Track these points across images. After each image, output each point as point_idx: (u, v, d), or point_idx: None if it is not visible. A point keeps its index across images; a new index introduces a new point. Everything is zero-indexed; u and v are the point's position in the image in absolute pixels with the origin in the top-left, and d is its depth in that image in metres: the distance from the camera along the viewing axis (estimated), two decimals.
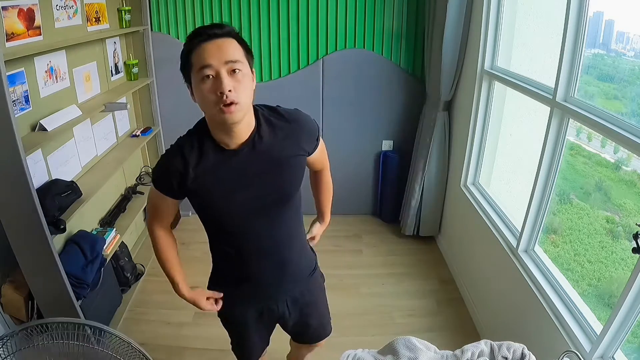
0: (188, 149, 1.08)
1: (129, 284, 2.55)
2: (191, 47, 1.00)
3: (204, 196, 1.12)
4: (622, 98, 1.65)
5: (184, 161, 1.07)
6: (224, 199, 1.11)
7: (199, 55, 0.98)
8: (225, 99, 0.97)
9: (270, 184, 1.13)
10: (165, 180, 1.11)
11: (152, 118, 3.05)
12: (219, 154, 1.08)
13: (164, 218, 1.26)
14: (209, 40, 0.98)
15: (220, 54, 0.98)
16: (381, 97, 3.06)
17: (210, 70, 0.97)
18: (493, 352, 1.27)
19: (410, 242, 3.09)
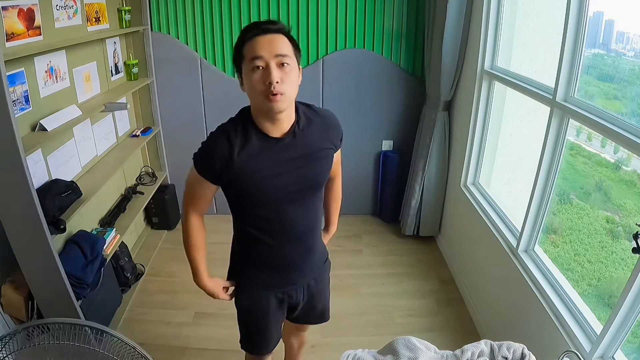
0: (233, 134, 1.14)
1: (129, 284, 2.55)
2: (245, 39, 1.08)
3: (245, 180, 1.15)
4: (622, 98, 1.65)
5: (230, 145, 1.13)
6: (265, 183, 1.16)
7: (252, 47, 1.06)
8: (272, 89, 1.05)
9: (306, 172, 1.21)
10: (210, 164, 1.15)
11: (152, 118, 3.05)
12: (262, 140, 1.15)
13: (201, 204, 1.27)
14: (262, 35, 1.07)
15: (271, 47, 1.06)
16: (381, 97, 3.06)
17: (261, 61, 1.06)
18: (493, 352, 1.27)
19: (410, 242, 3.09)
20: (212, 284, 1.38)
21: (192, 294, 2.56)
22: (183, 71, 2.96)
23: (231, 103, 3.43)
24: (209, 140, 1.17)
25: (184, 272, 2.77)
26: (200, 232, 1.32)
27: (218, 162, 1.13)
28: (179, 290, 2.60)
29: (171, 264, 2.85)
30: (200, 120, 3.09)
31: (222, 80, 2.97)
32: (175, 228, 3.25)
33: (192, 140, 3.19)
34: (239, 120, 1.17)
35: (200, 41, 2.91)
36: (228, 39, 2.90)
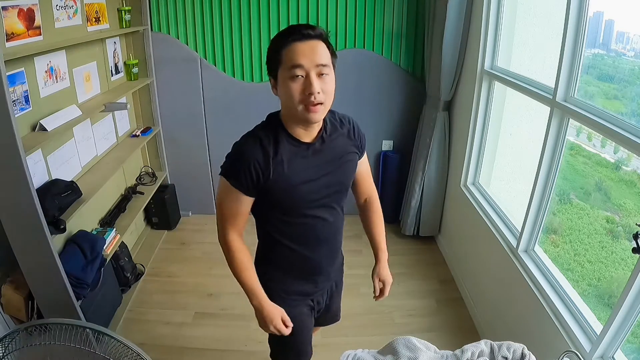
0: (266, 140, 1.12)
1: (129, 284, 2.55)
2: (283, 43, 1.05)
3: (282, 187, 1.13)
4: (622, 98, 1.65)
5: (264, 152, 1.10)
6: (300, 189, 1.15)
7: (292, 54, 1.03)
8: (313, 99, 1.04)
9: (335, 177, 1.22)
10: (246, 174, 1.10)
11: (152, 118, 3.05)
12: (294, 146, 1.14)
13: (240, 221, 1.20)
14: (303, 41, 1.04)
15: (312, 56, 1.03)
16: (381, 97, 3.06)
17: (301, 70, 1.03)
18: (493, 352, 1.27)
19: (410, 242, 3.09)
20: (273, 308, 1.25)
21: (192, 294, 2.57)
22: (183, 71, 2.96)
23: (231, 103, 3.46)
24: (242, 149, 1.12)
25: (183, 272, 2.78)
26: (245, 252, 1.24)
27: (254, 171, 1.10)
28: (179, 290, 2.60)
29: (171, 264, 2.85)
30: (200, 120, 3.09)
31: (222, 80, 2.97)
32: (175, 228, 3.25)
33: (192, 140, 3.23)
34: (269, 126, 1.15)
35: (200, 41, 2.91)
36: (228, 39, 2.90)
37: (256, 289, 1.23)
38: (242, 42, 2.91)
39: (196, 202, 3.39)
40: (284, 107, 1.13)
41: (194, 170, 3.25)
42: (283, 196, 1.15)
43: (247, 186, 1.12)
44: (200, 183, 3.30)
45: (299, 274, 1.32)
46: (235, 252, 1.21)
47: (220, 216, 1.20)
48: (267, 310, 1.23)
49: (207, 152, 3.18)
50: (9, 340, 1.12)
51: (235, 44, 2.91)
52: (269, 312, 1.24)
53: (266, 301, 1.24)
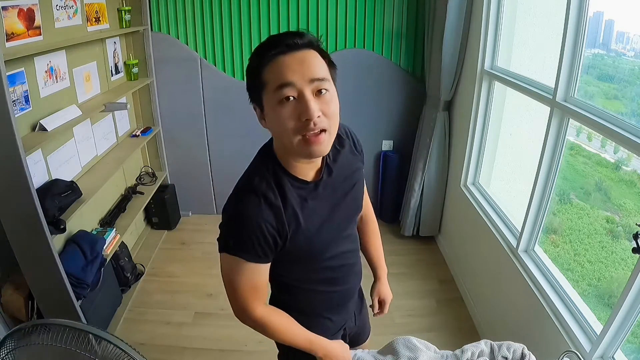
0: (270, 195, 0.89)
1: (129, 284, 2.55)
2: (263, 60, 0.82)
3: (301, 242, 0.94)
4: (622, 98, 1.65)
5: (274, 210, 0.89)
6: (319, 236, 0.97)
7: (276, 71, 0.80)
8: (313, 126, 0.81)
9: (350, 204, 1.05)
10: (262, 242, 0.89)
11: (152, 118, 3.05)
12: (300, 189, 0.93)
13: (265, 291, 1.00)
14: (288, 53, 0.81)
15: (303, 70, 0.80)
16: (381, 97, 3.06)
17: (292, 90, 0.80)
18: (493, 352, 1.27)
19: (410, 242, 3.09)
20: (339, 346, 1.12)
21: (192, 294, 2.57)
22: (183, 71, 2.96)
23: (231, 103, 3.45)
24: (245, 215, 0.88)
25: (183, 272, 2.78)
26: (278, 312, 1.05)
27: (269, 236, 0.89)
28: (179, 290, 2.60)
29: (171, 264, 2.85)
30: (200, 120, 3.09)
31: (222, 80, 2.97)
32: (175, 228, 3.25)
33: (192, 140, 3.22)
34: (265, 171, 0.91)
35: (200, 41, 2.91)
36: (228, 39, 2.90)
37: (314, 339, 1.06)
38: (242, 42, 2.91)
39: (196, 202, 3.39)
40: (277, 141, 0.91)
41: (194, 170, 3.25)
42: (304, 251, 0.97)
43: (265, 254, 0.91)
44: (200, 183, 3.30)
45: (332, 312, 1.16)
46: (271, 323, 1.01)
47: (237, 297, 0.97)
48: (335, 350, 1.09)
49: (207, 152, 3.18)
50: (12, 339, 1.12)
51: (235, 44, 2.91)
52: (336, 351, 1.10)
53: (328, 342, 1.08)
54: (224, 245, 0.92)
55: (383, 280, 1.34)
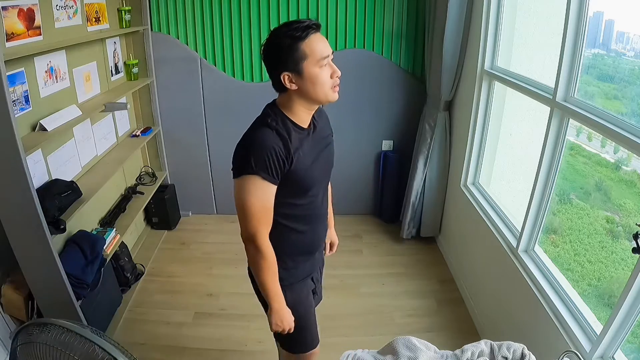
0: (280, 130, 1.16)
1: (129, 284, 2.55)
2: (302, 36, 1.10)
3: (300, 169, 1.19)
4: (622, 98, 1.65)
5: (283, 139, 1.15)
6: (310, 168, 1.23)
7: (316, 46, 1.11)
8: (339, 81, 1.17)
9: (328, 156, 1.33)
10: (275, 163, 1.13)
11: (152, 118, 3.05)
12: (299, 132, 1.21)
13: (269, 217, 1.21)
14: (317, 31, 1.13)
15: (328, 45, 1.15)
16: (381, 97, 3.06)
17: (327, 59, 1.14)
18: (493, 352, 1.27)
19: (410, 242, 3.09)
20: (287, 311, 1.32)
21: (192, 294, 2.57)
22: (183, 71, 2.96)
23: (231, 103, 3.47)
24: (261, 141, 1.13)
25: (183, 272, 2.78)
26: (274, 255, 1.25)
27: (280, 158, 1.13)
28: (179, 290, 2.60)
29: (171, 264, 2.85)
30: (200, 120, 3.09)
31: (222, 80, 2.97)
32: (175, 228, 3.25)
33: (192, 140, 3.23)
34: (275, 117, 1.19)
35: (200, 41, 2.91)
36: (228, 39, 2.90)
37: (279, 293, 1.28)
38: (242, 42, 2.91)
39: (196, 202, 3.39)
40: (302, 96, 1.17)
41: (194, 170, 3.25)
42: (299, 178, 1.20)
43: (276, 175, 1.15)
44: (200, 183, 3.30)
45: (303, 253, 1.38)
46: (268, 255, 1.22)
47: (249, 219, 1.17)
48: (285, 312, 1.30)
49: (207, 152, 3.18)
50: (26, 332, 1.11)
51: (235, 44, 2.91)
52: (286, 314, 1.30)
53: (284, 304, 1.30)
54: (242, 168, 1.14)
55: (331, 227, 1.65)
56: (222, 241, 3.05)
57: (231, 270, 2.71)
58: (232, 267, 2.73)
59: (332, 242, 1.69)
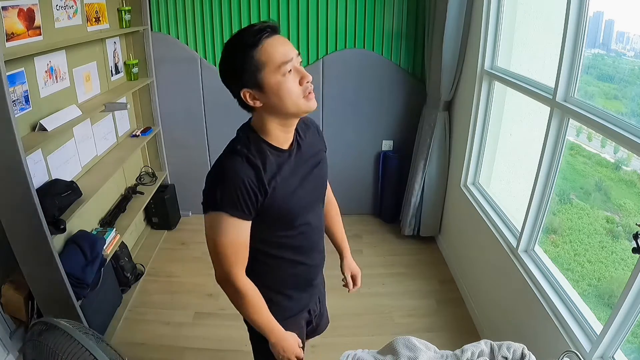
0: (252, 157, 1.02)
1: (129, 284, 2.55)
2: (254, 43, 0.95)
3: (278, 200, 1.05)
4: (622, 98, 1.65)
5: (255, 168, 1.01)
6: (293, 198, 1.08)
7: (273, 51, 0.95)
8: (310, 87, 1.00)
9: (317, 177, 1.17)
10: (246, 197, 1.00)
11: (152, 118, 3.05)
12: (277, 156, 1.06)
13: (246, 255, 1.08)
14: (272, 35, 0.97)
15: (290, 47, 0.98)
16: (381, 97, 3.06)
17: (290, 64, 0.97)
18: (493, 352, 1.27)
19: (410, 242, 3.09)
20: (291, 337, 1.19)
21: (192, 294, 2.57)
22: (183, 71, 2.96)
23: (231, 103, 3.45)
24: (229, 173, 1.00)
25: (183, 272, 2.78)
26: (256, 290, 1.11)
27: (251, 191, 1.00)
28: (179, 290, 2.60)
29: (171, 264, 2.85)
30: (200, 120, 3.09)
31: None
32: (175, 228, 3.25)
33: (192, 140, 3.22)
34: (248, 140, 1.05)
35: (200, 41, 2.91)
36: (228, 39, 2.90)
37: (274, 326, 1.15)
38: None
39: (196, 202, 3.36)
40: (272, 111, 1.02)
41: (194, 170, 3.25)
42: (280, 210, 1.07)
43: (248, 210, 1.01)
44: (200, 183, 3.23)
45: (297, 285, 1.25)
46: (248, 295, 1.09)
47: (220, 258, 1.05)
48: (287, 341, 1.17)
49: (207, 152, 3.18)
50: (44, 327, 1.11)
51: None
52: (289, 342, 1.18)
53: (284, 332, 1.17)
54: (210, 204, 1.03)
55: (349, 257, 1.46)
56: None
57: None
58: None
59: (353, 275, 1.45)
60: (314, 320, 1.39)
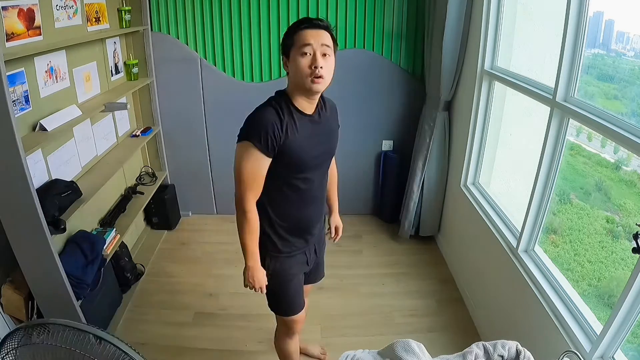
0: (279, 109, 1.30)
1: (129, 284, 2.55)
2: (296, 29, 1.27)
3: (294, 148, 1.31)
4: (622, 98, 1.65)
5: (280, 118, 1.29)
6: (305, 150, 1.34)
7: (303, 36, 1.25)
8: (318, 72, 1.25)
9: (328, 144, 1.45)
10: (269, 136, 1.26)
11: (152, 118, 3.05)
12: (300, 116, 1.33)
13: (259, 185, 1.35)
14: (312, 28, 1.27)
15: (318, 38, 1.26)
16: (381, 97, 3.06)
17: (309, 48, 1.25)
18: (488, 352, 1.26)
19: (410, 242, 3.09)
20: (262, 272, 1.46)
21: (192, 294, 2.57)
22: (183, 71, 2.96)
23: (231, 103, 3.47)
24: (260, 116, 1.28)
25: (183, 272, 2.78)
26: (257, 219, 1.40)
27: (273, 133, 1.26)
28: (179, 290, 2.60)
29: (171, 264, 2.85)
30: (200, 120, 3.09)
31: (222, 80, 2.97)
32: (175, 228, 3.25)
33: (192, 140, 3.23)
34: (280, 99, 1.33)
35: (200, 41, 2.91)
36: (228, 39, 2.90)
37: (256, 252, 1.42)
38: (242, 42, 2.91)
39: (196, 202, 3.39)
40: (292, 81, 1.31)
41: (194, 170, 3.25)
42: (293, 157, 1.32)
43: (268, 147, 1.27)
44: (200, 183, 3.30)
45: (295, 231, 1.49)
46: (251, 219, 1.37)
47: (240, 182, 1.33)
48: (258, 272, 1.44)
49: (207, 152, 3.18)
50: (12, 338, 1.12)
51: (235, 44, 2.91)
52: (259, 274, 1.45)
53: (259, 264, 1.44)
54: (243, 135, 1.29)
55: (336, 212, 1.78)
56: (222, 241, 3.05)
57: (231, 270, 2.70)
58: (232, 267, 2.73)
59: (336, 227, 1.79)
60: (310, 264, 1.63)
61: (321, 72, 1.26)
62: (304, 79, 1.27)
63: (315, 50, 1.25)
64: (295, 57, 1.27)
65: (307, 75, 1.26)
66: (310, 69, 1.26)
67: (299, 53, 1.26)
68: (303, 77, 1.27)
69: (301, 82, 1.28)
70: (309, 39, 1.25)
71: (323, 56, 1.27)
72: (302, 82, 1.28)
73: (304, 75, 1.26)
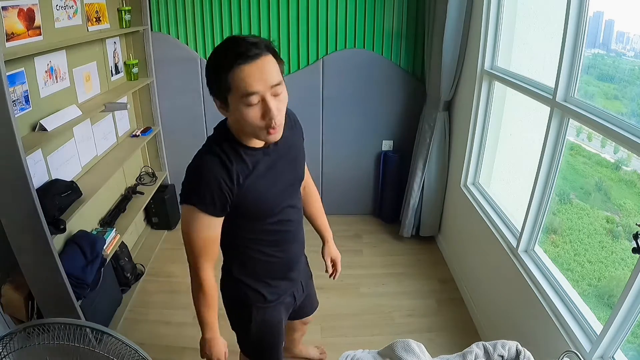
0: (224, 156, 1.06)
1: (129, 284, 2.55)
2: (229, 66, 0.95)
3: (250, 198, 1.10)
4: (622, 98, 1.64)
5: (227, 170, 1.05)
6: (267, 193, 1.14)
7: (243, 80, 0.95)
8: (274, 124, 0.99)
9: (292, 172, 1.22)
10: (215, 195, 1.05)
11: (152, 118, 3.05)
12: (251, 155, 1.10)
13: (214, 250, 1.14)
14: (251, 62, 0.94)
15: (264, 78, 0.96)
16: (381, 97, 3.06)
17: (257, 97, 0.96)
18: (488, 352, 1.27)
19: (410, 242, 3.09)
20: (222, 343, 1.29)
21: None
22: (183, 71, 2.96)
23: None
24: (201, 171, 1.05)
25: (184, 272, 2.77)
26: (216, 290, 1.20)
27: (224, 188, 1.05)
28: (179, 290, 2.60)
29: (171, 264, 2.85)
30: (200, 120, 3.09)
31: None
32: (176, 228, 3.25)
33: (192, 140, 3.20)
34: (221, 140, 1.08)
35: (200, 41, 2.91)
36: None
37: (214, 325, 1.24)
38: None
39: None
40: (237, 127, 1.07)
41: None
42: (253, 207, 1.13)
43: (216, 207, 1.07)
44: None
45: (277, 277, 1.31)
46: (208, 290, 1.17)
47: (191, 250, 1.12)
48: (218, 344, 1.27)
49: None
50: (8, 339, 1.12)
51: None
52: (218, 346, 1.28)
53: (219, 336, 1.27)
54: (184, 197, 1.07)
55: (330, 242, 1.53)
56: None
57: None
58: None
59: (333, 259, 1.54)
60: (298, 302, 1.45)
61: (278, 120, 1.00)
62: (256, 131, 1.02)
63: (264, 96, 0.96)
64: (238, 107, 0.98)
65: (259, 128, 1.00)
66: (263, 120, 0.99)
67: (243, 104, 0.97)
68: (255, 129, 1.01)
69: (251, 132, 1.03)
70: (254, 85, 0.94)
71: (275, 96, 0.99)
72: (253, 132, 1.03)
73: (255, 128, 1.00)
